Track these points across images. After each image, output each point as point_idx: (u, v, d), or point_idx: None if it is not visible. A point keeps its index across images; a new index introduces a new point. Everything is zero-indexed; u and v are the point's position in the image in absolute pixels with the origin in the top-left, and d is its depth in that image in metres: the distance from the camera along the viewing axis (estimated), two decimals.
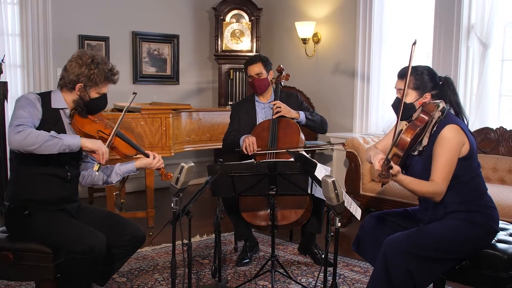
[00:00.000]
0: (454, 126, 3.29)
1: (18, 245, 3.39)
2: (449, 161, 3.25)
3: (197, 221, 5.82)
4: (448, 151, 3.25)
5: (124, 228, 3.66)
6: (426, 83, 3.44)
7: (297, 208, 4.59)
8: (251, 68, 5.06)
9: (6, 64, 6.76)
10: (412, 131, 3.20)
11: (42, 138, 3.16)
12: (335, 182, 3.01)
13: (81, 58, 3.48)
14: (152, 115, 5.76)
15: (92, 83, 3.48)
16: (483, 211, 3.35)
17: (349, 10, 7.61)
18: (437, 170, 3.26)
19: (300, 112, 5.01)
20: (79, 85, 3.47)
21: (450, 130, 3.27)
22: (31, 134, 3.15)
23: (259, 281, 4.49)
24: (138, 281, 4.47)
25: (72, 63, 3.49)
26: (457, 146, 3.26)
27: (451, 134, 3.26)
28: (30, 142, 3.14)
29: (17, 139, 3.14)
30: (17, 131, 3.15)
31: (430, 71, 3.49)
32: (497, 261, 3.22)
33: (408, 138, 3.18)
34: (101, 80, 3.50)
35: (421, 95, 3.43)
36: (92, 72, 3.45)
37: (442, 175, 3.24)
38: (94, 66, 3.46)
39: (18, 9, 7.02)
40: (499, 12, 5.99)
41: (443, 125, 3.29)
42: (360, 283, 4.48)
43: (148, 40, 8.27)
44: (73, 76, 3.47)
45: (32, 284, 4.21)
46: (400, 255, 3.21)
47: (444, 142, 3.26)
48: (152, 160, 3.71)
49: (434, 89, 3.45)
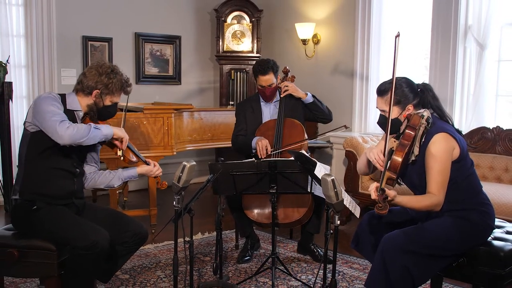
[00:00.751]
0: (441, 134, 3.26)
1: (23, 242, 3.40)
2: (442, 170, 3.23)
3: (199, 219, 5.82)
4: (439, 162, 3.23)
5: (127, 225, 3.68)
6: (407, 95, 3.39)
7: (300, 207, 4.59)
8: (263, 78, 4.99)
9: (11, 64, 6.75)
10: (401, 152, 3.16)
11: (89, 131, 3.36)
12: (334, 180, 3.01)
13: (101, 67, 3.62)
14: (154, 114, 5.76)
15: (108, 91, 3.62)
16: (479, 208, 3.35)
17: (348, 11, 7.60)
18: (432, 182, 3.25)
19: (308, 93, 5.03)
20: (96, 91, 3.60)
21: (438, 140, 3.25)
22: (78, 127, 3.33)
23: (259, 278, 4.49)
24: (140, 278, 4.47)
25: (92, 70, 3.62)
26: (447, 155, 3.24)
27: (440, 145, 3.24)
28: (80, 135, 3.31)
29: (69, 134, 3.28)
30: (66, 127, 3.29)
31: (408, 82, 3.44)
32: (493, 258, 3.22)
33: (399, 158, 3.15)
34: (117, 89, 3.65)
35: (404, 108, 3.39)
36: (110, 81, 3.60)
37: (437, 185, 3.23)
38: (113, 75, 3.62)
39: (23, 10, 7.02)
40: (496, 13, 5.97)
41: (431, 135, 3.26)
42: (359, 280, 4.48)
43: (151, 41, 8.27)
44: (92, 82, 3.59)
45: (37, 281, 4.21)
46: (398, 252, 3.21)
47: (434, 154, 3.24)
48: (153, 167, 3.83)
49: (414, 99, 3.42)
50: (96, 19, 7.67)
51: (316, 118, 5.23)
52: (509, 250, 3.26)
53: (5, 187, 6.52)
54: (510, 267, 3.26)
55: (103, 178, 3.86)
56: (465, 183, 3.36)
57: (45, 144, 3.42)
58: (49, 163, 3.51)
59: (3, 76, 6.21)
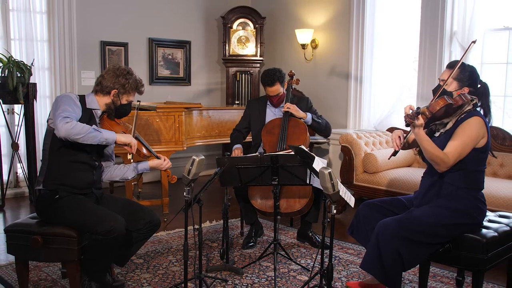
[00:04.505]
0: (480, 119, 3.33)
1: (47, 229, 3.40)
2: (464, 144, 3.27)
3: (207, 209, 5.81)
4: (467, 136, 3.27)
5: (141, 213, 3.69)
6: (468, 78, 3.44)
7: (301, 198, 4.59)
8: (271, 89, 4.99)
9: (35, 67, 6.76)
10: (444, 102, 3.24)
11: (87, 130, 3.33)
12: (331, 173, 3.00)
13: (118, 70, 3.72)
14: (166, 113, 5.75)
15: (125, 91, 3.71)
16: (475, 203, 3.36)
17: (343, 18, 7.57)
18: (452, 146, 3.28)
19: (308, 114, 5.00)
20: (114, 91, 3.68)
21: (476, 120, 3.31)
22: (77, 125, 3.32)
23: (262, 262, 4.49)
24: (154, 262, 4.47)
25: (110, 72, 3.71)
26: (476, 135, 3.28)
27: (475, 124, 3.29)
28: (76, 131, 3.30)
29: (66, 128, 3.28)
30: (66, 122, 3.30)
31: (474, 71, 3.48)
32: (477, 244, 3.22)
33: (438, 106, 3.22)
34: (132, 89, 3.74)
35: (461, 87, 3.43)
36: (127, 81, 3.69)
37: (455, 152, 3.26)
38: (129, 77, 3.71)
39: (46, 17, 7.02)
40: (478, 20, 5.98)
41: (470, 116, 3.33)
42: (354, 264, 4.47)
43: (163, 46, 8.26)
44: (110, 83, 3.67)
45: (58, 265, 4.22)
46: (391, 238, 3.21)
47: (467, 127, 3.29)
48: (163, 162, 3.88)
49: (471, 86, 3.45)
50: (113, 26, 7.66)
51: (316, 133, 5.23)
52: (491, 237, 3.27)
53: (30, 179, 6.53)
54: (492, 253, 3.26)
55: (118, 171, 3.89)
56: (472, 175, 3.37)
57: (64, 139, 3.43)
58: (69, 157, 3.53)
59: (28, 77, 6.21)
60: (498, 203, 4.73)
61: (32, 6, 6.85)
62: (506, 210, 4.56)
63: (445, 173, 3.35)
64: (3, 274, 4.17)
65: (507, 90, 5.99)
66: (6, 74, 6.06)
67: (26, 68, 6.17)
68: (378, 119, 7.13)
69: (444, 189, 3.38)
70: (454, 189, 3.35)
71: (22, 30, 6.80)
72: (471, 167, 3.34)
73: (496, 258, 3.32)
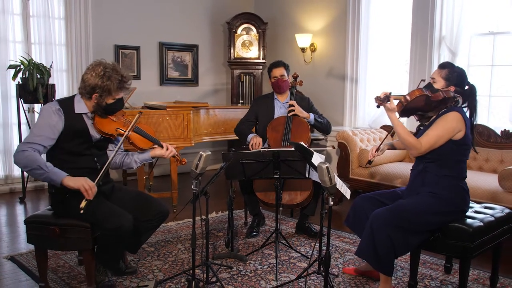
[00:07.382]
0: (458, 114, 3.33)
1: (63, 220, 3.38)
2: (439, 135, 3.29)
3: (213, 200, 5.80)
4: (443, 128, 3.30)
5: (151, 204, 3.65)
6: (455, 79, 3.46)
7: (303, 191, 4.58)
8: (276, 70, 5.07)
9: (54, 69, 6.77)
10: (420, 92, 3.30)
11: (33, 165, 3.12)
12: (328, 167, 2.98)
13: (95, 70, 3.35)
14: (175, 111, 5.74)
15: (107, 93, 3.36)
16: (459, 192, 3.37)
17: (340, 24, 7.55)
18: (427, 135, 3.33)
19: (311, 114, 5.01)
20: (95, 95, 3.36)
21: (454, 114, 3.32)
22: (28, 158, 3.13)
23: (265, 250, 4.48)
24: (164, 250, 4.46)
25: (88, 75, 3.36)
26: (452, 128, 3.30)
27: (453, 118, 3.31)
28: (23, 164, 3.15)
29: (17, 157, 3.16)
30: (22, 149, 3.16)
31: (462, 73, 3.51)
32: (464, 234, 3.22)
33: (414, 95, 3.30)
34: (114, 89, 3.36)
35: (448, 86, 3.44)
36: (105, 84, 3.32)
37: (428, 141, 3.31)
38: (106, 78, 3.32)
39: (64, 23, 7.01)
40: (465, 26, 5.99)
41: (450, 110, 3.34)
42: (349, 252, 4.46)
43: (173, 49, 8.24)
44: (89, 88, 3.35)
45: (76, 253, 4.22)
46: (384, 226, 3.21)
47: (444, 120, 3.31)
48: (165, 151, 3.67)
49: (458, 86, 3.46)
50: (127, 30, 7.64)
51: (318, 131, 5.23)
52: (477, 226, 3.27)
53: None
54: (478, 241, 3.26)
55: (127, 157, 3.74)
56: (455, 165, 3.38)
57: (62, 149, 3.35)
58: (70, 164, 3.35)
59: (47, 79, 6.20)
60: (484, 195, 4.71)
61: (51, 12, 6.85)
62: (490, 201, 4.54)
63: (426, 164, 3.40)
64: (24, 261, 4.17)
65: (492, 90, 5.97)
66: (27, 75, 6.06)
67: (45, 70, 6.16)
68: (372, 117, 7.11)
69: (427, 178, 3.41)
70: (437, 178, 3.37)
71: (42, 34, 6.81)
72: (451, 158, 3.36)
73: (481, 246, 3.32)
